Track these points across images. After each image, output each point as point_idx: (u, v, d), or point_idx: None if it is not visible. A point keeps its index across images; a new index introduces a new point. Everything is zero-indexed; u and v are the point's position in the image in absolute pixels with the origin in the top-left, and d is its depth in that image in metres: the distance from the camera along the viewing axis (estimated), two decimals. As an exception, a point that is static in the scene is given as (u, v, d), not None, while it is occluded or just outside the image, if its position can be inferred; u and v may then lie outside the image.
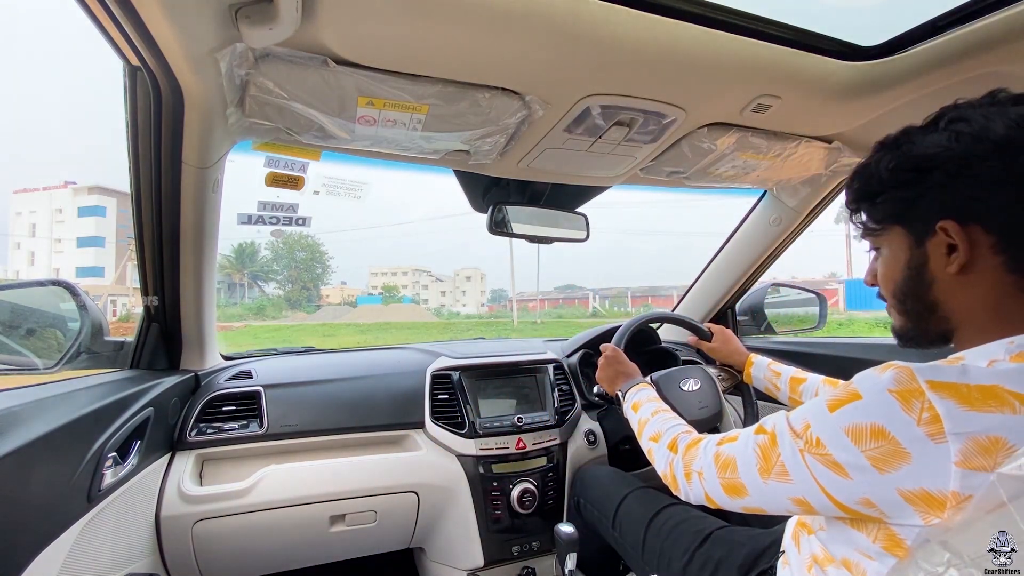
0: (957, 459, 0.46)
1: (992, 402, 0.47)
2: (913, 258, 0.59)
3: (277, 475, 1.09)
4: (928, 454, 0.47)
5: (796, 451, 0.56)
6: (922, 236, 0.58)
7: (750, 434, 0.63)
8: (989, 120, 0.53)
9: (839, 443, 0.52)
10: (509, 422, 1.29)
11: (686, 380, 1.28)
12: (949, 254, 0.55)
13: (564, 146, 1.02)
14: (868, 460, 0.50)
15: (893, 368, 0.51)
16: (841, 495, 0.52)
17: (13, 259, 34.20)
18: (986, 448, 0.46)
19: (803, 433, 0.56)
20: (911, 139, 0.58)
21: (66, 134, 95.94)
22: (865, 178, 0.62)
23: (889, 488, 0.49)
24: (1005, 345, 0.52)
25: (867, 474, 0.50)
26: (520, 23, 0.66)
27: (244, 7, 0.64)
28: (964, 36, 0.76)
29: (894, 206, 0.60)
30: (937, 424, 0.47)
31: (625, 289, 36.22)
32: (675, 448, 0.77)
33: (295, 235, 33.85)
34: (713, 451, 0.68)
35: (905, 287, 0.60)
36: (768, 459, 0.59)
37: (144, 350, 1.11)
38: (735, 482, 0.63)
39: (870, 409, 0.51)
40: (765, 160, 1.15)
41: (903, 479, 0.48)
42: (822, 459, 0.53)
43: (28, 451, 0.63)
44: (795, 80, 0.85)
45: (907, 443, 0.48)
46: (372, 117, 0.84)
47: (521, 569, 1.29)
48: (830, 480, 0.53)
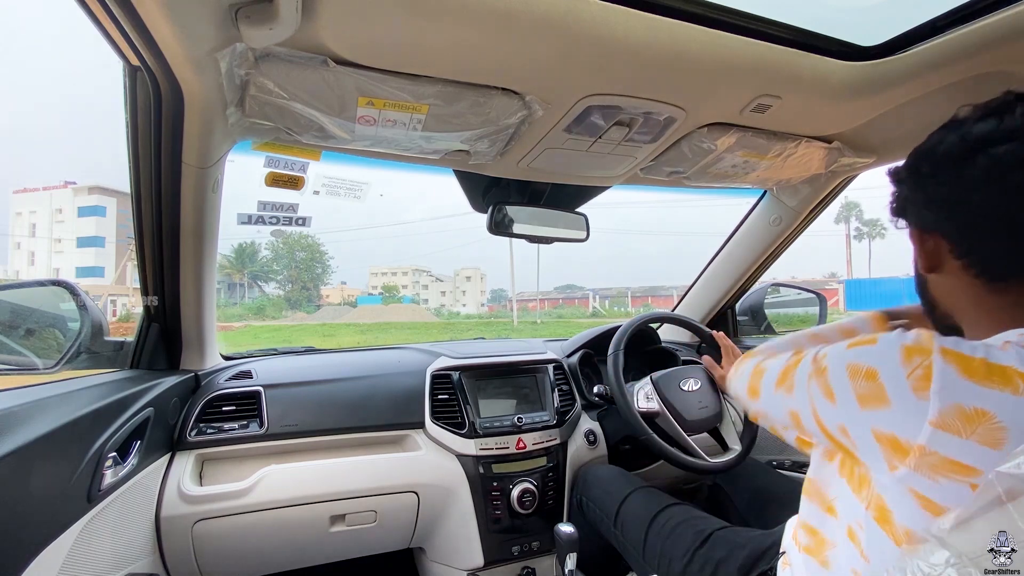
0: (933, 418, 0.47)
1: (996, 379, 0.47)
2: (914, 255, 0.63)
3: (277, 475, 1.09)
4: (907, 406, 0.49)
5: (807, 375, 0.61)
6: (924, 236, 0.61)
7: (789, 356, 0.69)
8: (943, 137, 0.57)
9: (838, 374, 0.56)
10: (509, 422, 1.29)
11: (686, 380, 1.28)
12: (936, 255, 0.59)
13: (564, 146, 1.02)
14: (854, 394, 0.54)
15: (920, 330, 0.53)
16: (825, 417, 0.58)
17: (13, 259, 34.22)
18: (968, 417, 0.47)
19: (819, 361, 0.60)
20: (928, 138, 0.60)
21: (66, 134, 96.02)
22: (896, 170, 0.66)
23: (865, 424, 0.53)
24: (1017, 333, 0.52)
25: (850, 405, 0.54)
26: (520, 23, 0.66)
27: (244, 7, 0.64)
28: (964, 36, 0.76)
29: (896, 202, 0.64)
30: (925, 382, 0.49)
31: (625, 289, 36.23)
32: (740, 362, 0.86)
33: (295, 235, 33.91)
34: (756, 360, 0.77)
35: (916, 285, 0.66)
36: (786, 376, 0.66)
37: (144, 350, 1.11)
38: (755, 385, 0.72)
39: (874, 355, 0.54)
40: (765, 160, 1.15)
41: (878, 420, 0.52)
42: (821, 384, 0.58)
43: (28, 451, 0.63)
44: (795, 80, 0.85)
45: (891, 391, 0.51)
46: (372, 117, 0.84)
47: (521, 569, 1.29)
48: (821, 403, 0.58)
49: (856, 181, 1.38)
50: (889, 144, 1.14)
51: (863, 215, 35.37)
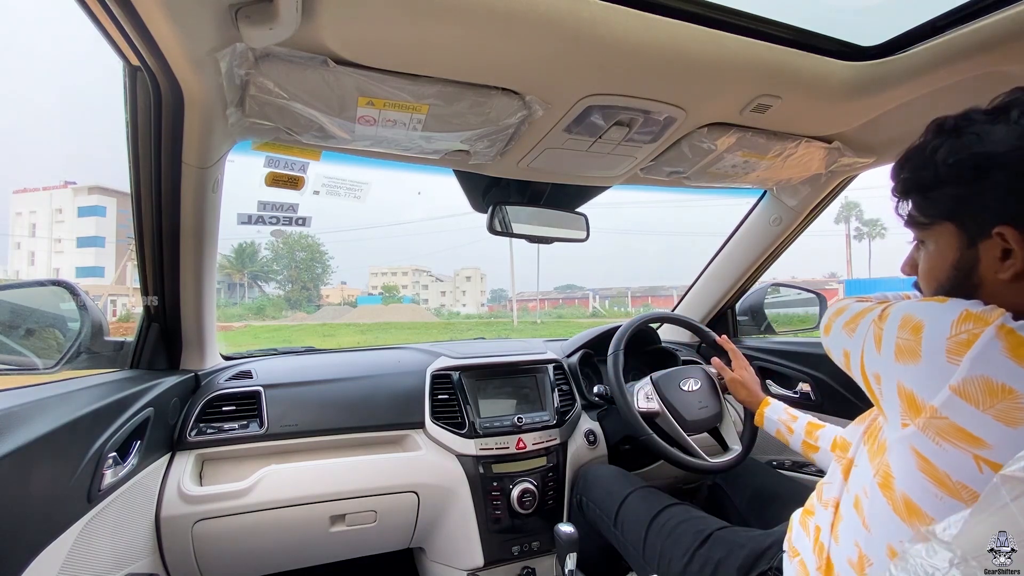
0: (955, 383, 0.47)
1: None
2: (962, 259, 0.56)
3: (277, 475, 1.09)
4: (934, 366, 0.49)
5: (870, 321, 0.60)
6: (975, 237, 0.55)
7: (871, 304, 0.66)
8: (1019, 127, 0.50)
9: (893, 323, 0.56)
10: (509, 422, 1.29)
11: (686, 380, 1.28)
12: (1004, 259, 0.53)
13: (564, 146, 1.02)
14: (894, 345, 0.54)
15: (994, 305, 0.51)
16: (868, 363, 0.59)
17: (13, 259, 34.21)
18: (992, 391, 0.46)
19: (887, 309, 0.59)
20: (973, 129, 0.54)
21: (65, 134, 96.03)
22: (919, 167, 0.58)
23: (893, 376, 0.53)
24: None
25: (888, 355, 0.55)
26: (520, 23, 0.66)
27: (244, 7, 0.64)
28: (964, 36, 0.76)
29: (948, 202, 0.56)
30: (963, 348, 0.48)
31: (625, 289, 36.24)
32: None
33: (295, 235, 33.90)
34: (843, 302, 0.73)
35: (949, 287, 0.58)
36: (856, 319, 0.64)
37: (144, 350, 1.11)
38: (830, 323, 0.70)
39: (933, 311, 0.53)
40: (765, 160, 1.15)
41: (905, 374, 0.52)
42: (876, 331, 0.58)
43: (28, 451, 0.63)
44: (795, 80, 0.85)
45: (925, 348, 0.50)
46: (372, 117, 0.84)
47: (521, 569, 1.29)
48: (869, 349, 0.59)
49: (856, 181, 1.38)
50: (889, 144, 1.14)
51: (863, 215, 35.37)
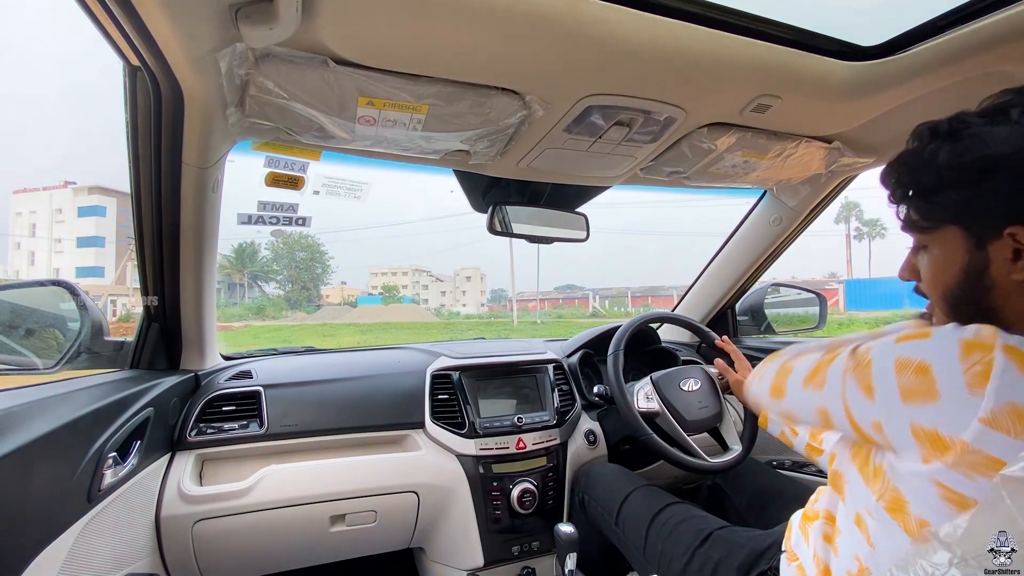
0: (984, 415, 0.45)
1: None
2: (971, 262, 0.54)
3: (277, 475, 1.09)
4: (957, 401, 0.47)
5: (841, 371, 0.57)
6: (984, 239, 0.53)
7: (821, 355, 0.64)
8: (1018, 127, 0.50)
9: (883, 368, 0.52)
10: (509, 422, 1.29)
11: (686, 380, 1.28)
12: (1015, 260, 0.52)
13: (564, 146, 1.02)
14: (897, 389, 0.50)
15: (980, 326, 0.50)
16: (859, 413, 0.54)
17: (13, 259, 34.21)
18: (1020, 415, 0.45)
19: (861, 355, 0.56)
20: (972, 130, 0.53)
21: (65, 134, 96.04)
22: (917, 170, 0.57)
23: (903, 418, 0.50)
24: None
25: (890, 400, 0.51)
26: (520, 23, 0.66)
27: (244, 7, 0.64)
28: (964, 36, 0.76)
29: (953, 206, 0.55)
30: (983, 378, 0.46)
31: (625, 289, 36.23)
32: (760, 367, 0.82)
33: (295, 235, 33.88)
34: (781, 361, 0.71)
35: (959, 291, 0.56)
36: (817, 372, 0.61)
37: (144, 350, 1.11)
38: (781, 386, 0.67)
39: (929, 349, 0.50)
40: (765, 160, 1.15)
41: (920, 415, 0.48)
42: (859, 379, 0.54)
43: (28, 451, 0.63)
44: (795, 80, 0.85)
45: (943, 385, 0.48)
46: (372, 117, 0.84)
47: (521, 569, 1.29)
48: (856, 398, 0.54)
49: (856, 181, 1.38)
50: (889, 144, 1.14)
51: (863, 215, 35.37)
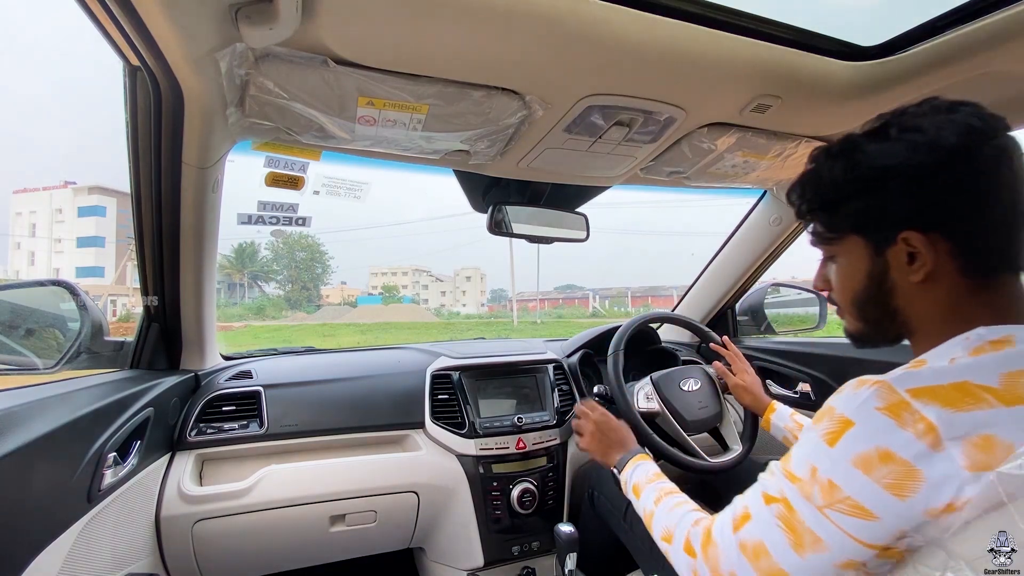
0: (964, 462, 0.45)
1: (968, 399, 0.47)
2: (873, 267, 0.59)
3: (277, 475, 1.09)
4: (938, 465, 0.46)
5: (815, 510, 0.51)
6: (882, 245, 0.58)
7: (762, 506, 0.57)
8: (940, 129, 0.54)
9: (852, 479, 0.49)
10: (509, 422, 1.29)
11: (686, 380, 1.28)
12: (911, 262, 0.56)
13: (564, 146, 1.02)
14: (886, 489, 0.47)
15: (873, 384, 0.50)
16: (875, 538, 0.49)
17: (13, 259, 34.20)
18: (982, 447, 0.45)
19: (812, 480, 0.52)
20: (860, 148, 0.58)
21: (65, 134, 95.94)
22: (818, 188, 0.62)
23: (917, 513, 0.47)
24: (961, 342, 0.53)
25: (891, 505, 0.47)
26: (520, 23, 0.66)
27: (244, 7, 0.64)
28: (964, 36, 0.76)
29: (853, 216, 0.60)
30: (934, 434, 0.46)
31: (625, 289, 36.24)
32: (692, 551, 0.65)
33: (295, 235, 33.88)
34: (735, 541, 0.58)
35: (865, 295, 0.61)
36: (794, 530, 0.52)
37: (144, 350, 1.11)
38: (775, 568, 0.54)
39: (868, 433, 0.49)
40: (765, 160, 1.15)
41: (927, 499, 0.46)
42: (844, 506, 0.49)
43: (28, 451, 0.63)
44: (795, 80, 0.85)
45: (916, 461, 0.46)
46: (372, 117, 0.84)
47: (521, 569, 1.29)
48: (860, 528, 0.49)
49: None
50: (889, 144, 1.14)
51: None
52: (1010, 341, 0.51)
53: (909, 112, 0.57)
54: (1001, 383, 0.48)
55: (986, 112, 0.55)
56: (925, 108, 0.56)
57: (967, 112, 0.54)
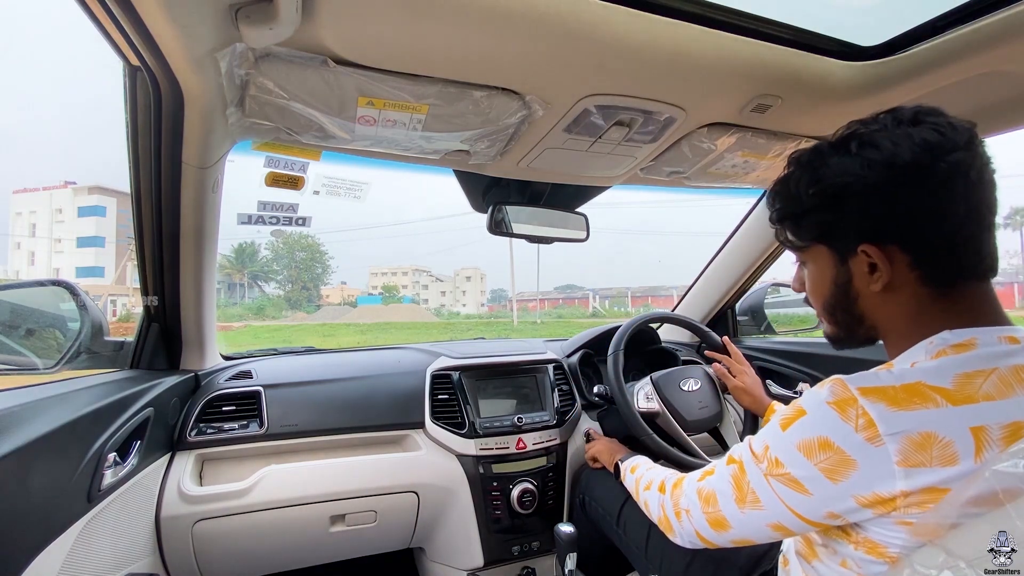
0: (897, 459, 0.49)
1: (916, 399, 0.50)
2: (838, 275, 0.62)
3: (277, 475, 1.09)
4: (871, 458, 0.50)
5: (761, 475, 0.58)
6: (845, 255, 0.60)
7: (723, 465, 0.65)
8: (897, 145, 0.55)
9: (794, 459, 0.55)
10: (509, 422, 1.29)
11: (686, 380, 1.28)
12: (871, 273, 0.58)
13: (564, 146, 1.02)
14: (821, 472, 0.52)
15: (830, 382, 0.55)
16: (807, 511, 0.55)
17: (13, 259, 34.20)
18: (920, 445, 0.49)
19: (763, 455, 0.58)
20: (824, 160, 0.60)
21: (65, 134, 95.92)
22: (786, 199, 0.65)
23: (846, 496, 0.52)
24: (925, 346, 0.56)
25: (823, 486, 0.53)
26: (520, 23, 0.66)
27: (244, 7, 0.64)
28: (964, 36, 0.76)
29: (816, 227, 0.62)
30: (872, 428, 0.50)
31: (625, 289, 36.25)
32: (663, 489, 0.78)
33: (295, 235, 33.91)
34: (695, 487, 0.69)
35: (833, 300, 0.64)
36: (740, 488, 0.61)
37: (144, 350, 1.11)
38: (718, 515, 0.64)
39: (815, 423, 0.54)
40: (765, 160, 1.15)
41: (855, 486, 0.51)
42: (783, 479, 0.56)
43: (28, 451, 0.63)
44: (795, 80, 0.85)
45: (851, 450, 0.51)
46: (372, 117, 0.84)
47: (521, 569, 1.29)
48: (794, 499, 0.55)
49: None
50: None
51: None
52: (973, 344, 0.54)
53: (873, 123, 0.59)
54: (954, 383, 0.51)
55: (948, 124, 0.55)
56: (887, 120, 0.58)
57: (928, 126, 0.55)
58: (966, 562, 0.44)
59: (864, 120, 0.60)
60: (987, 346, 0.53)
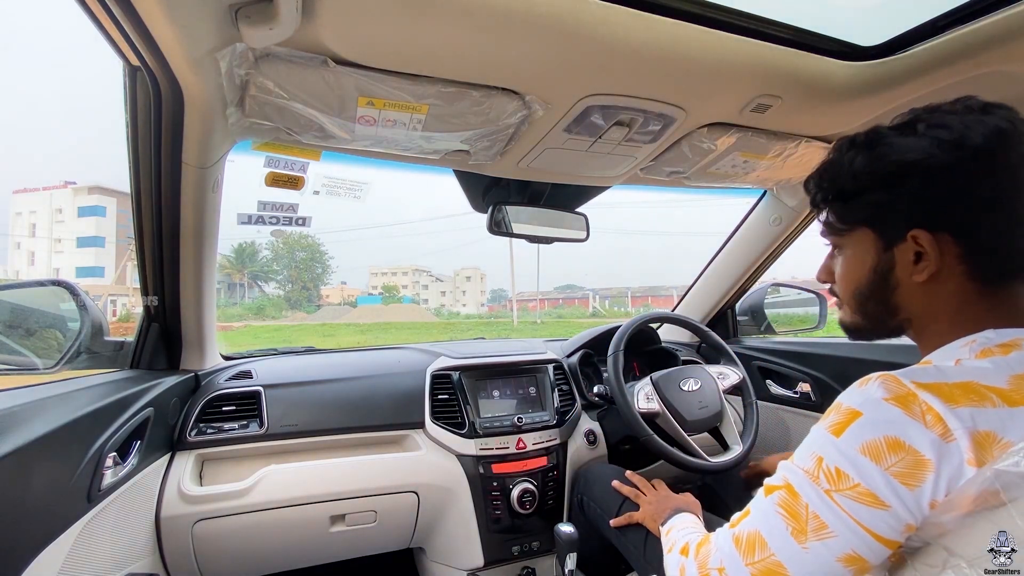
0: (968, 456, 0.45)
1: (973, 397, 0.47)
2: (880, 262, 0.58)
3: (277, 475, 1.09)
4: (946, 456, 0.45)
5: (823, 495, 0.49)
6: (891, 241, 0.57)
7: (761, 498, 0.55)
8: (968, 128, 0.53)
9: (861, 467, 0.47)
10: (509, 422, 1.29)
11: (686, 380, 1.28)
12: (917, 261, 0.55)
13: (564, 146, 1.02)
14: (895, 478, 0.46)
15: (878, 378, 0.50)
16: (887, 530, 0.47)
17: (13, 259, 34.20)
18: (982, 444, 0.45)
19: (818, 470, 0.50)
20: (886, 141, 0.57)
21: (65, 134, 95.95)
22: (835, 177, 0.61)
23: (924, 504, 0.46)
24: (967, 344, 0.53)
25: (899, 495, 0.46)
26: (520, 23, 0.66)
27: (244, 7, 0.64)
28: (964, 36, 0.76)
29: (866, 208, 0.59)
30: (942, 424, 0.46)
31: (625, 289, 36.24)
32: (687, 551, 0.64)
33: (295, 235, 33.87)
34: (730, 536, 0.57)
35: (867, 290, 0.60)
36: (798, 517, 0.50)
37: (144, 350, 1.11)
38: (769, 562, 0.51)
39: (876, 422, 0.48)
40: (765, 160, 1.15)
41: (933, 490, 0.45)
42: (853, 494, 0.47)
43: (28, 451, 0.63)
44: (795, 80, 0.85)
45: (925, 449, 0.45)
46: (372, 117, 0.84)
47: (521, 569, 1.29)
48: (871, 517, 0.47)
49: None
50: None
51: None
52: (1018, 344, 0.51)
53: (941, 109, 0.56)
54: (1009, 384, 0.48)
55: (1019, 117, 0.53)
56: (958, 107, 0.55)
57: (999, 115, 0.53)
58: (966, 562, 0.44)
59: (927, 107, 0.57)
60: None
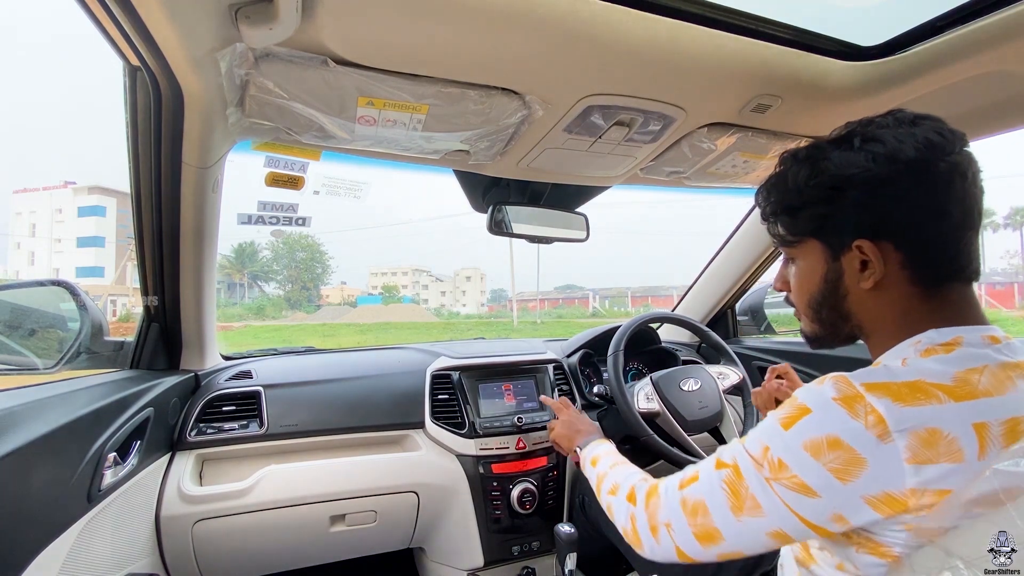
0: (906, 455, 0.48)
1: (920, 395, 0.50)
2: (829, 271, 0.62)
3: (277, 475, 1.09)
4: (881, 456, 0.49)
5: (763, 481, 0.55)
6: (838, 251, 0.60)
7: (712, 470, 0.61)
8: (900, 141, 0.56)
9: (801, 461, 0.52)
10: (509, 422, 1.29)
11: (686, 380, 1.28)
12: (863, 269, 0.58)
13: (564, 146, 1.02)
14: (831, 472, 0.50)
15: (832, 378, 0.54)
16: (814, 516, 0.52)
17: (13, 259, 34.19)
18: (927, 441, 0.48)
19: (764, 458, 0.55)
20: (825, 155, 0.60)
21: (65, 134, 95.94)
22: (783, 191, 0.64)
23: (854, 497, 0.50)
24: (912, 345, 0.56)
25: (832, 488, 0.51)
26: (520, 23, 0.66)
27: (244, 7, 0.64)
28: (964, 36, 0.76)
29: (812, 221, 0.62)
30: (882, 425, 0.49)
31: (625, 289, 36.25)
32: (634, 499, 0.70)
33: (295, 235, 33.91)
34: (678, 496, 0.63)
35: (820, 298, 0.63)
36: (738, 494, 0.57)
37: (144, 350, 1.11)
38: (708, 527, 0.59)
39: (822, 421, 0.52)
40: (765, 160, 1.15)
41: (865, 486, 0.50)
42: (789, 483, 0.53)
43: (28, 451, 0.63)
44: (795, 80, 0.85)
45: (861, 448, 0.50)
46: (372, 117, 0.84)
47: (521, 569, 1.29)
48: (800, 503, 0.52)
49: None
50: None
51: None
52: (959, 342, 0.55)
53: (874, 123, 0.59)
54: (954, 380, 0.51)
55: (947, 128, 0.57)
56: (889, 120, 0.59)
57: (928, 127, 0.56)
58: (966, 562, 0.44)
59: (863, 120, 0.61)
60: (973, 345, 0.54)
